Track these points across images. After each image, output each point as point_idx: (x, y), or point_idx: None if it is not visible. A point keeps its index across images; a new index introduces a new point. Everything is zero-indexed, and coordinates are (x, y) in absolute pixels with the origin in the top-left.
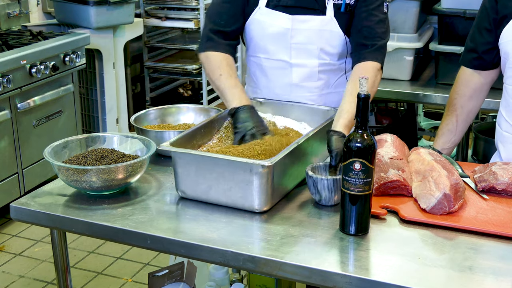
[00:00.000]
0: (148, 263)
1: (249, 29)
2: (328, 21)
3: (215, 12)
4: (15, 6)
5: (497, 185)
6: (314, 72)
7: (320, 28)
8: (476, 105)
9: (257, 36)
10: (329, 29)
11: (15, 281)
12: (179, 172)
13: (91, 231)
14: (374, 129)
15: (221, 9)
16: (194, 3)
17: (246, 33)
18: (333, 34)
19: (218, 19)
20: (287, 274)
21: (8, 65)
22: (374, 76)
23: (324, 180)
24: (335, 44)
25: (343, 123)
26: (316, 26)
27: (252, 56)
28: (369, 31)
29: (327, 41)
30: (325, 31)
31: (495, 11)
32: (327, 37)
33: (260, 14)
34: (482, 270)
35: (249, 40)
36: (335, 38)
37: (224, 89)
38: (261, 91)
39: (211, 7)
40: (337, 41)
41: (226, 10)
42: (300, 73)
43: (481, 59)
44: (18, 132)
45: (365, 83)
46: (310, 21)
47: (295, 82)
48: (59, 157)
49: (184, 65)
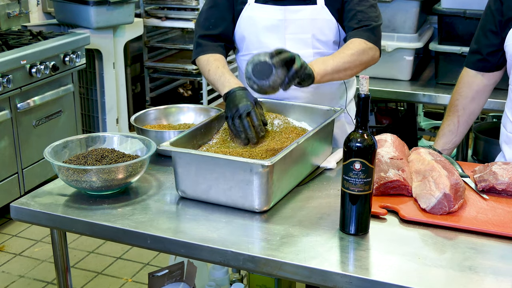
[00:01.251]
0: (148, 263)
1: (239, 27)
2: (320, 10)
3: (203, 18)
4: (15, 6)
5: (497, 185)
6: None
7: (313, 17)
8: (478, 106)
9: (250, 33)
10: (322, 18)
11: (15, 281)
12: (179, 172)
13: (91, 231)
14: (374, 129)
15: (208, 14)
16: (194, 3)
17: (237, 34)
18: (326, 22)
19: (206, 23)
20: (287, 274)
21: (8, 65)
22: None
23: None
24: (328, 32)
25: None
26: (308, 16)
27: (244, 55)
28: (362, 15)
29: (320, 30)
30: (318, 20)
31: (501, 13)
32: (320, 25)
33: (251, 10)
34: (482, 270)
35: (241, 40)
36: (328, 26)
37: (214, 81)
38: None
39: (199, 15)
40: (330, 29)
41: (213, 13)
42: None
43: (486, 61)
44: (18, 132)
45: (365, 83)
46: (302, 11)
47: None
48: (59, 157)
49: (184, 65)
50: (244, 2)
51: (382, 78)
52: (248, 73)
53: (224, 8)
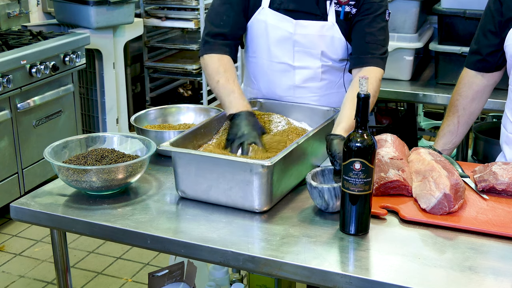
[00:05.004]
0: (148, 263)
1: (251, 30)
2: (329, 27)
3: (214, 13)
4: (15, 6)
5: (497, 185)
6: (317, 73)
7: (322, 34)
8: (478, 107)
9: (260, 38)
10: (331, 35)
11: (15, 281)
12: (179, 172)
13: (91, 231)
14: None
15: (220, 9)
16: (194, 3)
17: (247, 34)
18: (335, 39)
19: (217, 20)
20: (287, 274)
21: (8, 65)
22: (376, 84)
23: (331, 189)
24: (337, 49)
25: (343, 127)
26: (317, 32)
27: (252, 57)
28: (371, 37)
29: (328, 46)
30: (327, 37)
31: (500, 14)
32: (329, 42)
33: (264, 15)
34: (482, 270)
35: (250, 41)
36: (337, 43)
37: (222, 96)
38: (261, 92)
39: (210, 9)
40: (339, 46)
41: (225, 10)
42: (303, 75)
43: (485, 61)
44: (18, 132)
45: (365, 83)
46: (312, 26)
47: (298, 83)
48: (59, 157)
49: (184, 65)
50: (258, 6)
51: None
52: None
53: (238, 7)
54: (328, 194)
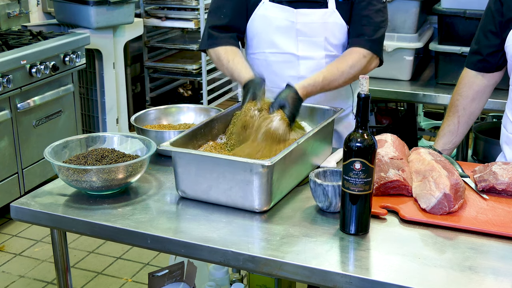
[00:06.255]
0: (148, 263)
1: (252, 25)
2: (331, 13)
3: (216, 6)
4: (15, 6)
5: (497, 185)
6: (321, 64)
7: (324, 21)
8: (479, 107)
9: (263, 31)
10: (333, 21)
11: (15, 281)
12: (179, 172)
13: (91, 231)
14: (374, 129)
15: (220, 3)
16: (194, 3)
17: (249, 31)
18: (337, 26)
19: (218, 12)
20: (287, 274)
21: (8, 65)
22: (358, 60)
23: (336, 187)
24: (340, 35)
25: (302, 84)
26: (319, 19)
27: (254, 53)
28: (367, 20)
29: (331, 33)
30: (329, 23)
31: (501, 14)
32: (331, 29)
33: (264, 9)
34: (482, 270)
35: (252, 37)
36: (339, 29)
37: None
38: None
39: (211, 3)
40: (341, 32)
41: (226, 3)
42: (308, 65)
43: (486, 62)
44: (18, 132)
45: (365, 83)
46: (313, 14)
47: (302, 74)
48: (59, 157)
49: (184, 65)
50: (258, 1)
51: (382, 78)
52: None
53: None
54: (332, 191)
